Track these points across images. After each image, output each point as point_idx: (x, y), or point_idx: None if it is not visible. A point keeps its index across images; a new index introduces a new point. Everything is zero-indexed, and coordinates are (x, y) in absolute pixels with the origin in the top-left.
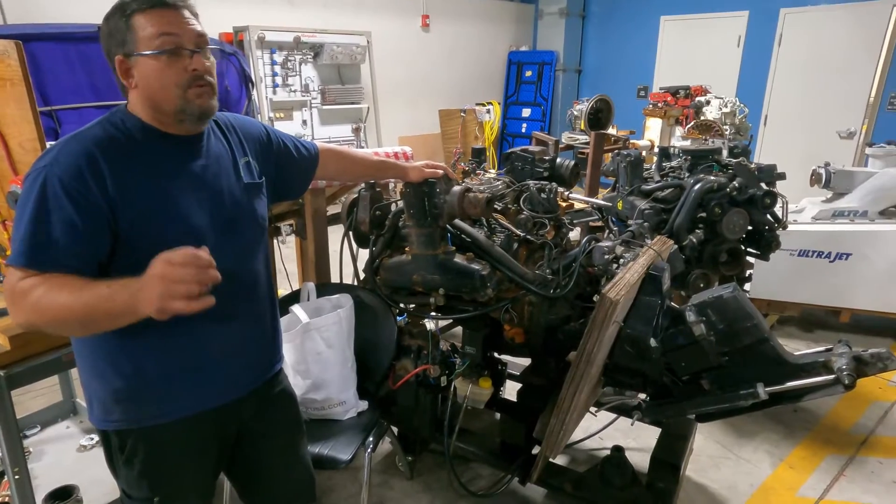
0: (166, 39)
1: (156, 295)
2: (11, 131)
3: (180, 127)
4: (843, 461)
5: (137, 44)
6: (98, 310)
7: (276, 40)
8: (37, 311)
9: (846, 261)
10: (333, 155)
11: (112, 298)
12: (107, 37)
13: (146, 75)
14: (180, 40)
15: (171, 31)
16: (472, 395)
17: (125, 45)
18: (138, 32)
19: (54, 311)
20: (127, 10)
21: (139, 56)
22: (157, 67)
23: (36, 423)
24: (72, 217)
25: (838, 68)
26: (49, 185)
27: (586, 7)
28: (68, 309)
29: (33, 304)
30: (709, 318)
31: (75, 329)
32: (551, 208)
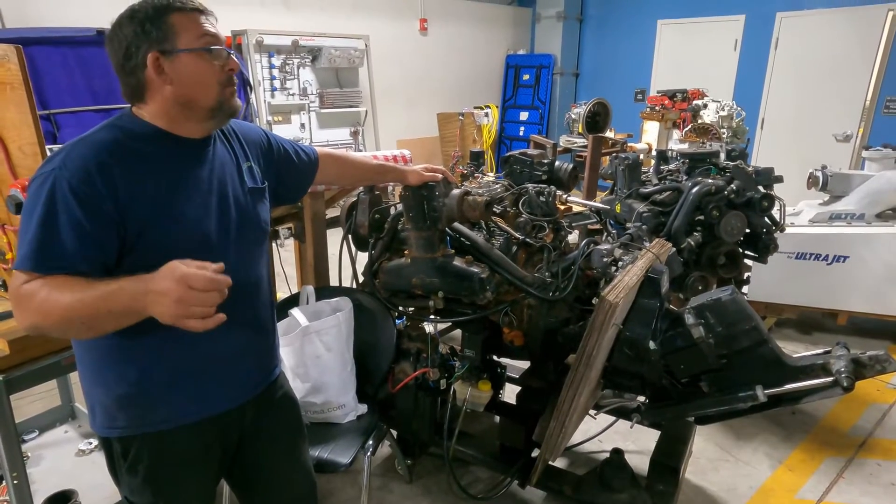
0: (210, 39)
1: (171, 313)
2: (11, 135)
3: (203, 126)
4: (842, 463)
5: (178, 40)
6: (103, 308)
7: (274, 44)
8: (42, 312)
9: (843, 263)
10: (333, 159)
11: (118, 296)
12: (136, 35)
13: (188, 72)
14: (219, 41)
15: (212, 32)
16: (472, 399)
17: (163, 42)
18: (180, 31)
19: (60, 311)
20: (165, 11)
21: (180, 53)
22: (202, 65)
23: (34, 428)
24: (80, 220)
25: (834, 72)
26: (58, 188)
27: (584, 10)
28: (73, 308)
29: (38, 306)
30: (707, 320)
31: (81, 330)
32: (550, 211)
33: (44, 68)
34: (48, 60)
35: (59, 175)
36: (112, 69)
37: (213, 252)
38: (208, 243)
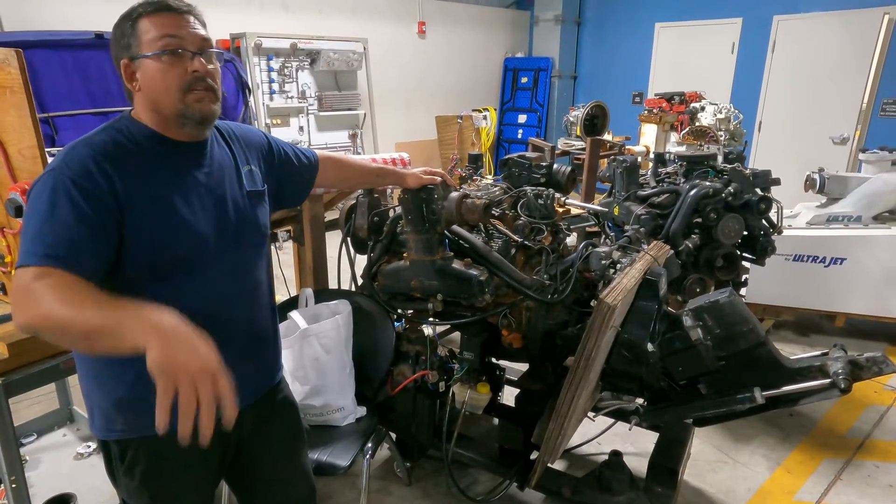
0: (168, 41)
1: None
2: (11, 138)
3: (182, 132)
4: (840, 465)
5: (141, 46)
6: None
7: (272, 47)
8: (44, 317)
9: (841, 265)
10: (333, 163)
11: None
12: (114, 42)
13: (148, 77)
14: (182, 42)
15: (174, 32)
16: (471, 401)
17: (130, 48)
18: (142, 35)
19: (62, 322)
20: (133, 15)
21: (142, 58)
22: (159, 69)
23: (32, 432)
24: (84, 211)
25: (831, 75)
26: (61, 185)
27: (581, 14)
28: (77, 323)
29: (42, 312)
30: (705, 322)
31: (77, 343)
32: (548, 214)
33: (42, 71)
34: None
35: (61, 173)
36: (109, 72)
37: (209, 253)
38: (204, 246)
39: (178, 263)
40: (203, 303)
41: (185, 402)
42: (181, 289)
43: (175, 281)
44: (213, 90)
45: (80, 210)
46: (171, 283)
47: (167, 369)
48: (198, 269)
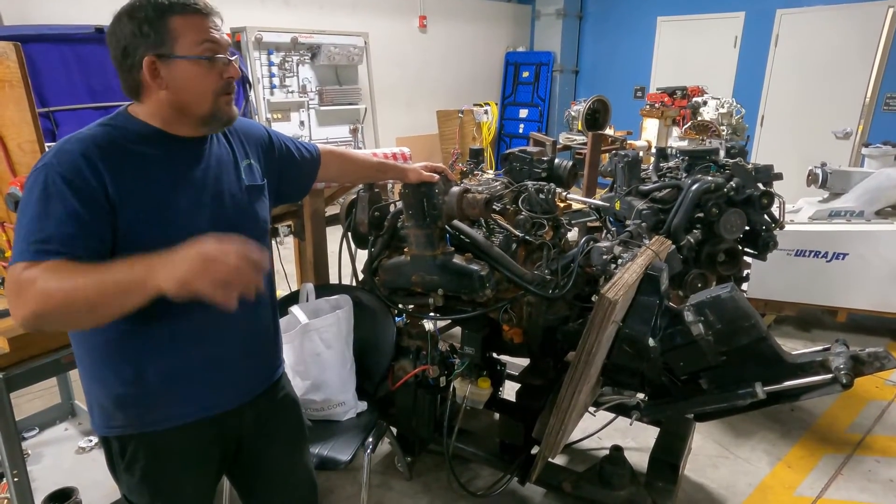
0: (209, 46)
1: (186, 273)
2: (10, 133)
3: (197, 130)
4: (841, 460)
5: (175, 46)
6: (109, 285)
7: (273, 41)
8: (42, 296)
9: (843, 261)
10: (334, 157)
11: (125, 269)
12: (133, 35)
13: (183, 78)
14: (220, 48)
15: (212, 38)
16: (471, 396)
17: (161, 46)
18: (179, 36)
19: (63, 293)
20: (163, 11)
21: (177, 59)
22: (198, 73)
23: (34, 426)
24: (75, 207)
25: (834, 69)
26: (50, 180)
27: (583, 8)
28: (78, 288)
29: (39, 291)
30: (707, 317)
31: (82, 314)
32: (549, 209)
33: (42, 66)
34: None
35: (51, 169)
36: (109, 67)
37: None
38: None
39: None
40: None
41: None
42: None
43: None
44: (234, 92)
45: (72, 209)
46: None
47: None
48: None
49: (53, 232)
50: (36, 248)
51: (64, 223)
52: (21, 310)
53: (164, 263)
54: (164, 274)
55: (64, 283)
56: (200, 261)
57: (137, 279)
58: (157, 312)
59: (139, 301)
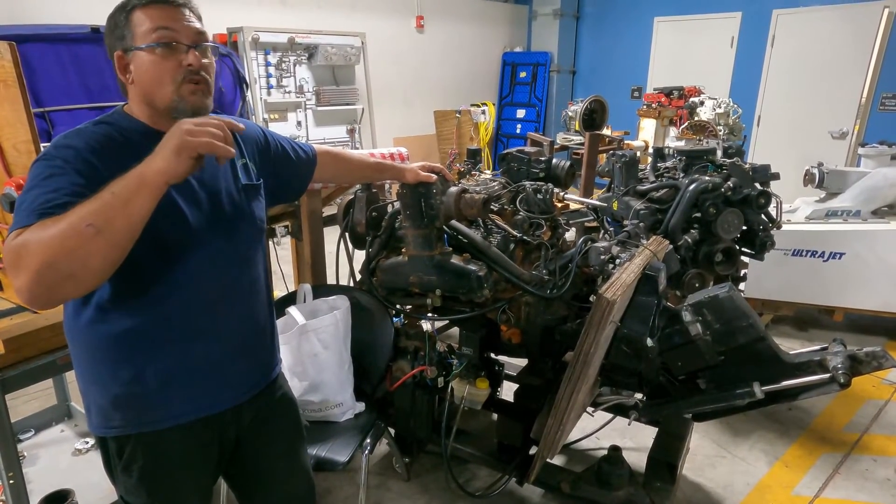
0: (163, 34)
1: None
2: (6, 133)
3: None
4: (838, 459)
5: (135, 38)
6: (108, 198)
7: (270, 41)
8: (43, 244)
9: (839, 260)
10: (331, 157)
11: (118, 180)
12: (108, 33)
13: (142, 69)
14: (177, 35)
15: (168, 25)
16: (469, 396)
17: (124, 40)
18: (136, 27)
19: (62, 231)
20: (128, 6)
21: (136, 50)
22: (153, 61)
23: (30, 427)
24: (76, 179)
25: (830, 69)
26: (51, 163)
27: (580, 8)
28: (79, 216)
29: (37, 241)
30: (705, 317)
31: (91, 245)
32: (547, 209)
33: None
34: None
35: (52, 158)
36: (105, 67)
37: (203, 246)
38: (197, 238)
39: (172, 256)
40: (198, 296)
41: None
42: (176, 281)
43: (169, 274)
44: (207, 83)
45: (74, 180)
46: (166, 276)
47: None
48: (192, 262)
49: (54, 196)
50: (35, 213)
51: (66, 191)
52: (25, 273)
53: (153, 153)
54: (157, 159)
55: (61, 222)
56: (185, 128)
57: (135, 177)
58: (152, 315)
59: (147, 202)
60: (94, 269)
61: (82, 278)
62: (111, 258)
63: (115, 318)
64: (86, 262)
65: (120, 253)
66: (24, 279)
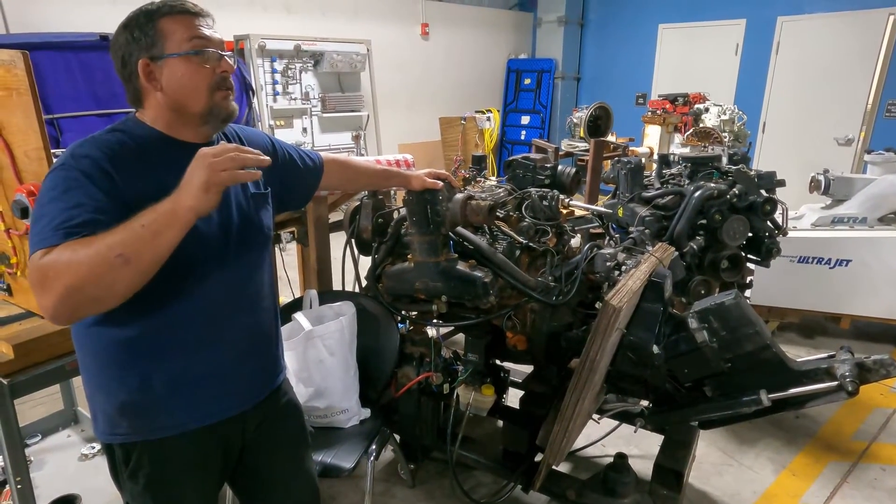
0: (198, 42)
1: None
2: (17, 140)
3: (199, 131)
4: (846, 468)
5: (166, 46)
6: (138, 229)
7: (276, 49)
8: (72, 267)
9: (846, 267)
10: (338, 165)
11: (149, 212)
12: (127, 42)
13: (176, 77)
14: (210, 43)
15: (201, 34)
16: (475, 403)
17: (152, 48)
18: (168, 35)
19: (90, 257)
20: (154, 16)
21: (168, 58)
22: (189, 69)
23: (37, 432)
24: (97, 195)
25: (835, 76)
26: (71, 175)
27: (585, 15)
28: (108, 245)
29: (66, 263)
30: (711, 324)
31: (117, 272)
32: (553, 215)
33: (47, 73)
34: (52, 65)
35: (69, 167)
36: (114, 74)
37: (211, 255)
38: (207, 246)
39: (181, 265)
40: (206, 303)
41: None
42: (184, 289)
43: (178, 282)
44: (233, 89)
45: (93, 194)
46: (175, 283)
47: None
48: (201, 270)
49: (76, 213)
50: (60, 231)
51: (88, 208)
52: (51, 294)
53: (181, 189)
54: (186, 194)
55: (89, 248)
56: (207, 163)
57: (166, 211)
58: (160, 319)
59: (177, 236)
60: (118, 293)
61: (106, 302)
62: (136, 284)
63: (122, 326)
64: (112, 288)
65: (144, 279)
66: (50, 300)
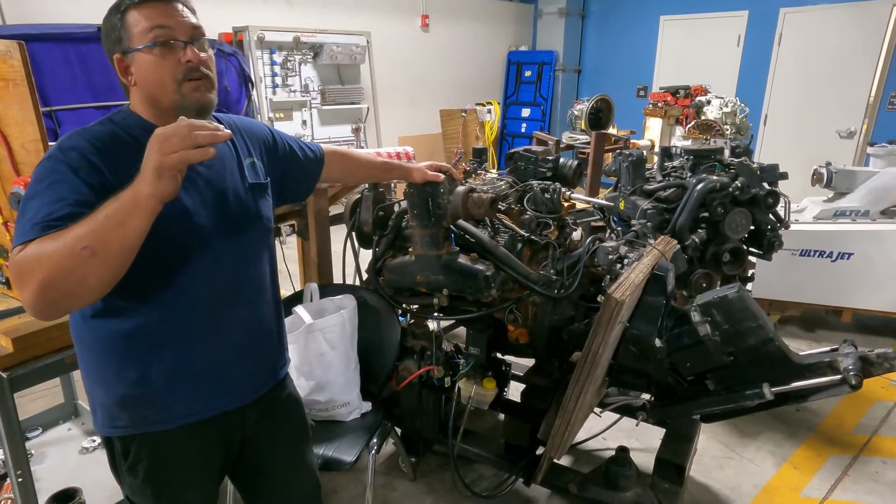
0: (159, 32)
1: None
2: (14, 132)
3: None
4: (847, 461)
5: (132, 39)
6: (101, 220)
7: (275, 40)
8: (41, 262)
9: (848, 260)
10: (338, 157)
11: (111, 201)
12: (105, 36)
13: (142, 70)
14: (173, 32)
15: (164, 23)
16: (476, 396)
17: (121, 42)
18: (132, 28)
19: (57, 250)
20: (121, 7)
21: (135, 52)
22: (152, 61)
23: (37, 426)
24: (81, 189)
25: (838, 67)
26: (57, 168)
27: (586, 7)
28: (75, 237)
29: (35, 258)
30: (713, 318)
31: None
32: (555, 208)
33: (45, 65)
34: (49, 57)
35: (56, 160)
36: (111, 66)
37: (209, 246)
38: (204, 237)
39: (178, 256)
40: (203, 295)
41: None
42: (180, 281)
43: (175, 274)
44: (208, 78)
45: (76, 188)
46: (172, 275)
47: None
48: (200, 261)
49: (56, 208)
50: (38, 226)
51: (68, 202)
52: (28, 290)
53: (140, 175)
54: (143, 180)
55: (57, 241)
56: (158, 143)
57: (127, 199)
58: (158, 312)
59: (142, 224)
60: (92, 286)
61: (82, 295)
62: (108, 277)
63: (120, 319)
64: (83, 281)
65: (117, 271)
66: (28, 294)
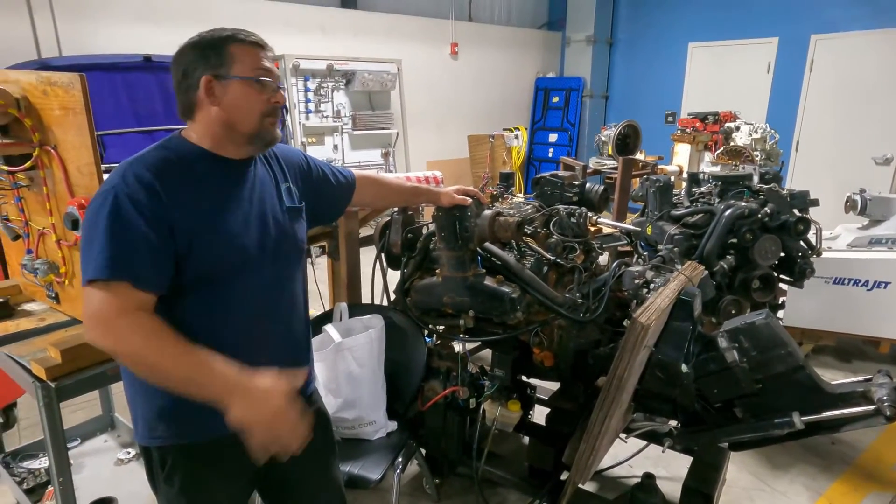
0: (262, 72)
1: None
2: (70, 156)
3: (242, 150)
4: (888, 499)
5: (232, 68)
6: (184, 380)
7: (309, 68)
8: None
9: (885, 289)
10: (369, 182)
11: (207, 374)
12: (195, 58)
13: (236, 96)
14: (272, 76)
15: (266, 66)
16: (501, 418)
17: (219, 67)
18: (236, 59)
19: (145, 359)
20: (228, 41)
21: (233, 79)
22: (250, 93)
23: (76, 436)
24: (144, 230)
25: (872, 94)
26: (121, 202)
27: (614, 34)
28: (161, 364)
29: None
30: (741, 344)
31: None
32: (581, 232)
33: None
34: (98, 84)
35: (120, 191)
36: (155, 93)
37: (251, 265)
38: (248, 257)
39: (224, 275)
40: (244, 313)
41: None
42: (225, 299)
43: (220, 291)
44: (280, 119)
45: (140, 230)
46: (216, 293)
47: (247, 426)
48: (241, 280)
49: (126, 251)
50: (112, 266)
51: (135, 244)
52: (102, 342)
53: (242, 395)
54: (237, 408)
55: (155, 357)
56: (270, 417)
57: (213, 395)
58: (197, 328)
59: (199, 395)
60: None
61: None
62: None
63: None
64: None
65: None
66: (95, 338)
